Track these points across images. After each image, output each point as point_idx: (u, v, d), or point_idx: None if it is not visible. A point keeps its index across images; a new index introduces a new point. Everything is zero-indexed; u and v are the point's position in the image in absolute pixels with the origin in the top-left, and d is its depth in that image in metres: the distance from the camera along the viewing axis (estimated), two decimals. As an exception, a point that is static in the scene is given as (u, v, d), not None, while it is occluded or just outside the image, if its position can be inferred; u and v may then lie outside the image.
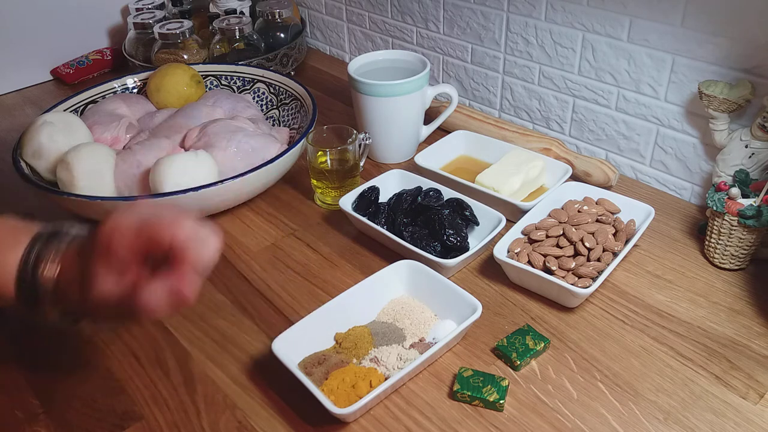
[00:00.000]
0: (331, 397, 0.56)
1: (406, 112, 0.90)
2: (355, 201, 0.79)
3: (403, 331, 0.63)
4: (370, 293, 0.66)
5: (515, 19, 0.93)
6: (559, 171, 0.83)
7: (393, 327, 0.64)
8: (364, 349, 0.62)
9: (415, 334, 0.63)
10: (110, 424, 0.57)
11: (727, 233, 0.69)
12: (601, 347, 0.63)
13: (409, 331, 0.64)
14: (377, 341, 0.62)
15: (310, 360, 0.61)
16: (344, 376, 0.58)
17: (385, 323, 0.65)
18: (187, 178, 0.76)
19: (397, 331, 0.64)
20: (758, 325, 0.65)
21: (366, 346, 0.62)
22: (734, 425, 0.55)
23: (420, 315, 0.65)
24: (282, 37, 1.19)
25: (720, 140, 0.76)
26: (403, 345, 0.62)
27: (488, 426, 0.56)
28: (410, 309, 0.66)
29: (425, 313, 0.65)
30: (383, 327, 0.64)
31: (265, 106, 1.02)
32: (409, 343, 0.63)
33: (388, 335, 0.63)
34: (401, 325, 0.64)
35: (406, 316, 0.65)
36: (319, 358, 0.60)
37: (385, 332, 0.63)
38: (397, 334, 0.63)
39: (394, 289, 0.68)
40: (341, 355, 0.61)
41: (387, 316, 0.66)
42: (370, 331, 0.63)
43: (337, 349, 0.62)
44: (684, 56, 0.77)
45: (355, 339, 0.62)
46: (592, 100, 0.89)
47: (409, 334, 0.63)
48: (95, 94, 0.99)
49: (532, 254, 0.69)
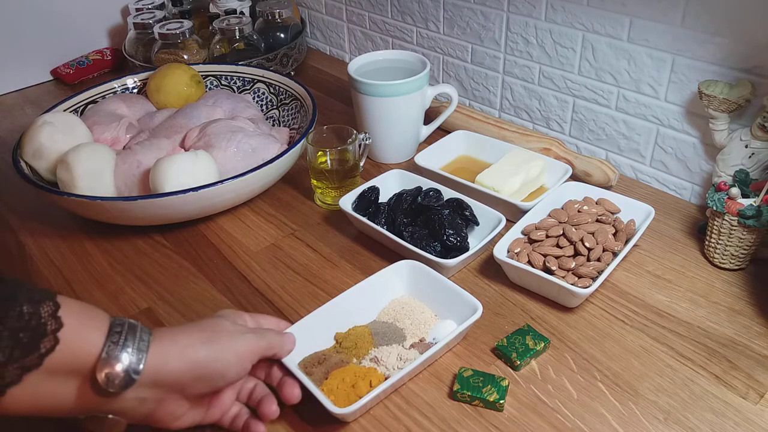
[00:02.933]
0: (330, 396, 0.56)
1: (406, 112, 0.90)
2: (355, 201, 0.79)
3: (403, 331, 0.64)
4: (370, 293, 0.66)
5: (515, 19, 0.93)
6: (559, 171, 0.83)
7: (393, 327, 0.64)
8: (365, 348, 0.62)
9: (415, 334, 0.63)
10: (110, 424, 0.57)
11: (727, 233, 0.69)
12: (601, 347, 0.63)
13: (410, 331, 0.64)
14: (377, 341, 0.62)
15: (310, 360, 0.60)
16: (344, 375, 0.58)
17: (386, 323, 0.65)
18: (187, 178, 0.76)
19: (397, 331, 0.64)
20: (758, 325, 0.65)
21: (366, 345, 0.62)
22: (734, 425, 0.55)
23: (420, 315, 0.65)
24: (282, 37, 1.19)
25: (720, 140, 0.76)
26: (403, 345, 0.62)
27: (488, 426, 0.56)
28: (411, 309, 0.66)
29: (425, 314, 0.65)
30: (383, 327, 0.64)
31: (265, 106, 1.02)
32: (409, 343, 0.63)
33: (389, 335, 0.63)
34: (401, 325, 0.64)
35: (407, 316, 0.65)
36: (319, 358, 0.60)
37: (385, 332, 0.63)
38: (397, 334, 0.63)
39: (395, 289, 0.68)
40: (341, 354, 0.61)
41: (387, 316, 0.66)
42: (371, 331, 0.63)
43: (338, 349, 0.62)
44: (684, 56, 0.77)
45: (355, 339, 0.62)
46: (592, 100, 0.89)
47: (410, 334, 0.63)
48: (95, 94, 0.99)
49: (532, 254, 0.69)
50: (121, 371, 0.44)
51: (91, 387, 0.44)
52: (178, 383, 0.48)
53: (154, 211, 0.76)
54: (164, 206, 0.75)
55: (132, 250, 0.78)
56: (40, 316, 0.42)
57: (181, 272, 0.75)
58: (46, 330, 0.42)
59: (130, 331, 0.46)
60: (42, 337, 0.42)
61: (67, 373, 0.44)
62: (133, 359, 0.45)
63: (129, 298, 0.71)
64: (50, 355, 0.42)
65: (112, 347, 0.44)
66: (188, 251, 0.78)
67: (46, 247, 0.80)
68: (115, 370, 0.44)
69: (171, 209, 0.76)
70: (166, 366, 0.47)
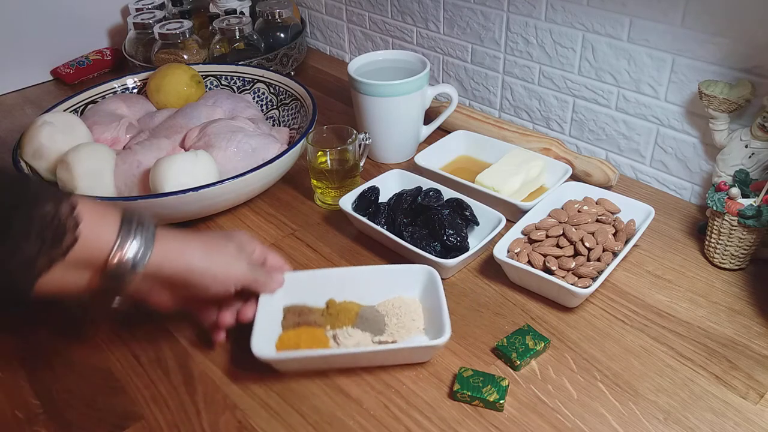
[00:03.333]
0: (278, 342, 0.61)
1: (406, 112, 0.90)
2: (355, 201, 0.79)
3: (385, 327, 0.64)
4: (383, 280, 0.67)
5: (515, 19, 0.93)
6: (559, 171, 0.83)
7: (380, 319, 0.64)
8: (342, 323, 0.63)
9: (392, 334, 0.63)
10: (110, 424, 0.57)
11: (727, 233, 0.69)
12: (601, 347, 0.63)
13: (390, 330, 0.63)
14: (358, 323, 0.64)
15: (294, 308, 0.64)
16: (306, 334, 0.61)
17: (378, 313, 0.65)
18: (187, 178, 0.76)
19: (380, 324, 0.64)
20: (758, 325, 0.65)
21: (345, 321, 0.64)
22: (734, 425, 0.55)
23: (410, 322, 0.64)
24: (282, 37, 1.19)
25: (720, 140, 0.76)
26: (374, 338, 0.63)
27: (488, 426, 0.56)
28: (406, 312, 0.65)
29: (416, 321, 0.64)
30: (373, 314, 0.65)
31: (265, 106, 1.02)
32: (379, 339, 0.63)
33: (370, 323, 0.64)
34: (388, 321, 0.64)
35: (396, 316, 0.64)
36: (302, 311, 0.64)
37: (370, 319, 0.64)
38: (377, 327, 0.64)
39: (407, 288, 0.67)
40: (323, 318, 0.64)
41: (384, 307, 0.66)
42: (358, 313, 0.65)
43: (323, 312, 0.64)
44: (684, 56, 0.77)
45: (340, 311, 0.65)
46: (592, 100, 0.89)
47: (387, 333, 0.63)
48: (95, 94, 0.99)
49: (532, 254, 0.69)
50: (129, 261, 0.51)
51: (102, 273, 0.51)
52: (170, 281, 0.55)
53: (154, 211, 0.75)
54: (164, 206, 0.75)
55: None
56: (61, 214, 0.48)
57: (181, 272, 0.75)
58: (67, 227, 0.48)
59: (139, 228, 0.52)
60: (64, 234, 0.48)
61: (84, 261, 0.50)
62: (139, 254, 0.52)
63: (129, 298, 0.71)
64: (72, 249, 0.48)
65: (123, 240, 0.51)
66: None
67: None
68: (124, 260, 0.51)
69: (171, 209, 0.76)
70: (165, 264, 0.54)
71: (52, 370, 0.63)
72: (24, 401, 0.60)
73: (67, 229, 0.48)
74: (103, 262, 0.51)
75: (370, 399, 0.59)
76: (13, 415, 0.59)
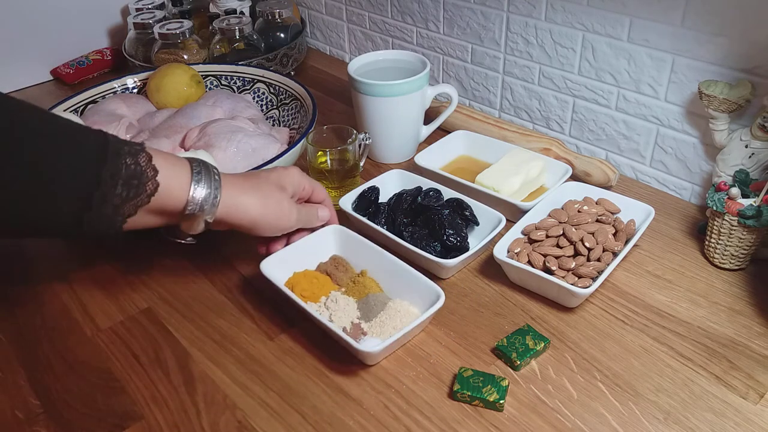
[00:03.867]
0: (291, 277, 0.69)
1: (406, 112, 0.90)
2: (355, 201, 0.79)
3: (376, 316, 0.64)
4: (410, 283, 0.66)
5: (515, 19, 0.93)
6: (559, 171, 0.84)
7: (379, 305, 0.65)
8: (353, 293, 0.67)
9: (370, 327, 0.63)
10: (110, 424, 0.57)
11: (727, 233, 0.69)
12: (601, 347, 0.63)
13: (377, 322, 0.63)
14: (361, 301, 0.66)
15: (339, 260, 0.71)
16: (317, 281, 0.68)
17: (381, 302, 0.65)
18: (187, 178, 0.76)
19: (375, 311, 0.64)
20: (758, 325, 0.65)
21: (356, 294, 0.67)
22: (734, 425, 0.55)
23: (398, 321, 0.63)
24: (282, 37, 1.19)
25: (720, 140, 0.76)
26: (356, 320, 0.64)
27: (488, 426, 0.56)
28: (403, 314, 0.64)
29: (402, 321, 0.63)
30: (376, 303, 0.65)
31: (265, 106, 1.02)
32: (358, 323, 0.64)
33: (368, 306, 0.65)
34: (383, 311, 0.64)
35: (389, 317, 0.64)
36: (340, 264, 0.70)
37: (370, 304, 0.65)
38: (371, 312, 0.64)
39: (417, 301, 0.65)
40: (348, 281, 0.69)
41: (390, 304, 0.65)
42: (368, 294, 0.66)
43: (353, 277, 0.69)
44: (684, 56, 0.77)
45: (364, 283, 0.68)
46: (592, 100, 0.89)
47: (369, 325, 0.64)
48: (95, 94, 0.99)
49: (532, 254, 0.69)
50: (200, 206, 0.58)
51: (179, 212, 0.59)
52: (233, 226, 0.63)
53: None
54: (164, 206, 0.75)
55: (132, 250, 0.78)
56: (141, 165, 0.55)
57: (181, 272, 0.75)
58: (148, 176, 0.55)
59: (206, 175, 0.59)
60: (147, 182, 0.55)
61: (161, 205, 0.57)
62: (209, 200, 0.59)
63: (129, 298, 0.71)
64: (155, 195, 0.56)
65: (195, 187, 0.58)
66: (188, 251, 0.78)
67: (46, 247, 0.80)
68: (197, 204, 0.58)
69: (171, 209, 0.76)
70: (228, 215, 0.61)
71: (52, 370, 0.63)
72: (24, 401, 0.60)
73: (148, 177, 0.55)
74: (180, 205, 0.58)
75: (370, 399, 0.59)
76: (13, 415, 0.59)
